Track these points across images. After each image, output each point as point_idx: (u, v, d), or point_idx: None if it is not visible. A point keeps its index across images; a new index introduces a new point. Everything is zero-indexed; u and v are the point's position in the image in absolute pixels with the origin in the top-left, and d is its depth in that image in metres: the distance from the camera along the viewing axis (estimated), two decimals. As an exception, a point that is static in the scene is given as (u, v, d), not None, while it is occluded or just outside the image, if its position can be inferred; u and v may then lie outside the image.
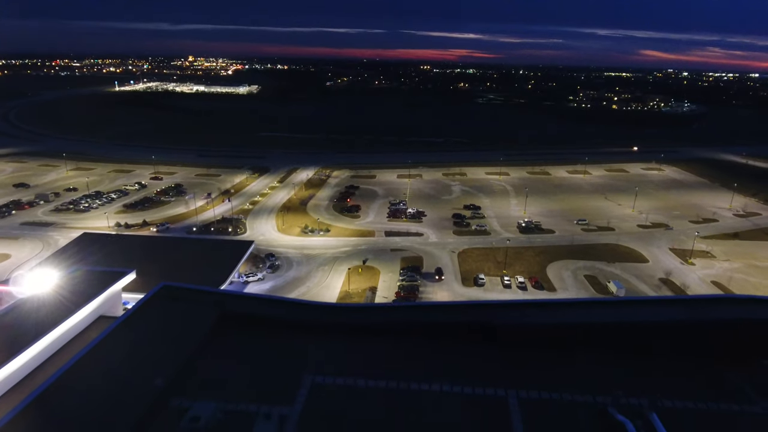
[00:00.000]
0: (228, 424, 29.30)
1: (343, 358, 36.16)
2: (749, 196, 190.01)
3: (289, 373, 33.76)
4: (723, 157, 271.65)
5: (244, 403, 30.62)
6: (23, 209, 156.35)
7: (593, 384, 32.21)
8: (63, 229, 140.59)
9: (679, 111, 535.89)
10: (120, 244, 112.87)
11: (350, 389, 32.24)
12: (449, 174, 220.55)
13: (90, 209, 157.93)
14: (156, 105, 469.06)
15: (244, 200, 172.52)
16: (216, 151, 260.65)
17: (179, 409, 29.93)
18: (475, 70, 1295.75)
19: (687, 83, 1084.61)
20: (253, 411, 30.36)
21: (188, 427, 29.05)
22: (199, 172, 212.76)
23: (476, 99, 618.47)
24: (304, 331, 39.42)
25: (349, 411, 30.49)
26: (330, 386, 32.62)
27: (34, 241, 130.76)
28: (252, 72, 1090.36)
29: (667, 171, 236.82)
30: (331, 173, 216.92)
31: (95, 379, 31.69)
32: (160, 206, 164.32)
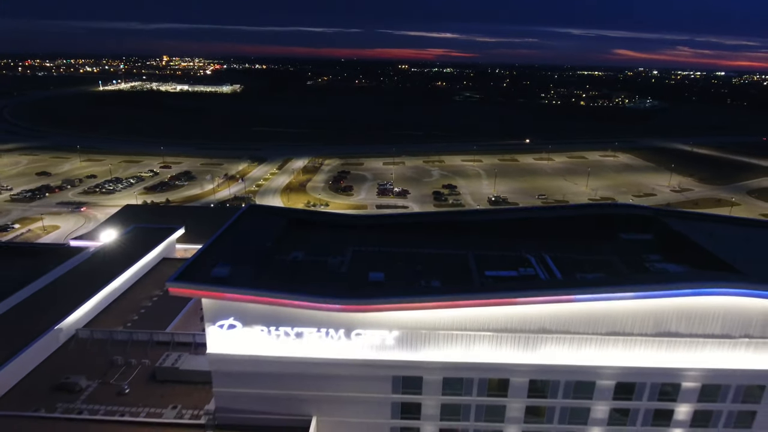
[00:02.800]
0: (313, 261, 54.19)
1: (365, 239, 61.21)
2: (687, 176, 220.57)
3: (337, 245, 58.75)
4: (673, 145, 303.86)
5: (318, 255, 55.48)
6: (54, 192, 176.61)
7: (519, 248, 57.82)
8: (96, 207, 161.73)
9: (641, 107, 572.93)
10: (158, 212, 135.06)
11: (372, 252, 57.48)
12: (429, 161, 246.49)
13: (114, 192, 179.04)
14: (145, 103, 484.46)
15: (250, 183, 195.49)
16: (213, 144, 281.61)
17: (284, 257, 54.72)
18: (452, 70, 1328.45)
19: (655, 81, 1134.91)
20: (323, 258, 55.19)
21: (292, 262, 53.94)
22: (203, 162, 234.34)
23: (454, 97, 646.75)
24: (340, 228, 64.66)
25: (373, 259, 55.69)
26: (362, 251, 57.86)
27: (75, 216, 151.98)
28: (231, 72, 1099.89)
29: (621, 157, 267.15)
30: (323, 161, 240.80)
31: (240, 240, 56.19)
32: (177, 189, 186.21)
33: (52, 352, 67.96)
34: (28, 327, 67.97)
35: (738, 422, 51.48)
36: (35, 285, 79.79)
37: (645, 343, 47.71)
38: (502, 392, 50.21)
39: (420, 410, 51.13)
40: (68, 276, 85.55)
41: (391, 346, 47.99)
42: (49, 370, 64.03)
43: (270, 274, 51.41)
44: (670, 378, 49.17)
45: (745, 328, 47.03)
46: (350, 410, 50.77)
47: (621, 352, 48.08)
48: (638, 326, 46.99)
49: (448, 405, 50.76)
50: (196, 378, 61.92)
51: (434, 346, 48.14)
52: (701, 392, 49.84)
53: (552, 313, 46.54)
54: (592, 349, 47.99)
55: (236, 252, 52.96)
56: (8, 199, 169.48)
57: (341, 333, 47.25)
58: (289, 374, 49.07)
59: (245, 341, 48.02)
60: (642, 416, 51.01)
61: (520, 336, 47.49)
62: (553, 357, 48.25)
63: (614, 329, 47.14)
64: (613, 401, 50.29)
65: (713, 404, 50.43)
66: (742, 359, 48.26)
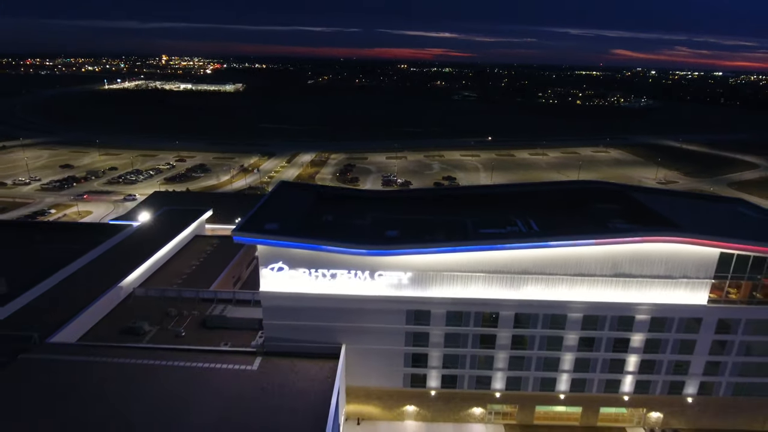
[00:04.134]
0: (341, 223, 67.05)
1: (381, 209, 74.17)
2: (673, 170, 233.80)
3: (359, 213, 71.62)
4: (663, 142, 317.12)
5: (345, 219, 68.36)
6: (80, 182, 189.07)
7: (509, 212, 70.78)
8: (121, 195, 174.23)
9: (636, 106, 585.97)
10: (183, 198, 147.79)
11: (388, 218, 70.32)
12: (429, 156, 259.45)
13: (137, 182, 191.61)
14: (151, 102, 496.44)
15: (262, 175, 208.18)
16: (223, 140, 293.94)
17: (317, 219, 67.56)
18: (450, 69, 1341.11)
19: (652, 81, 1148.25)
20: (349, 221, 68.05)
21: (325, 223, 66.85)
22: (216, 156, 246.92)
23: (452, 96, 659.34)
24: (360, 200, 77.69)
25: (389, 222, 68.59)
26: (380, 217, 70.72)
27: (105, 203, 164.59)
28: (231, 71, 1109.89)
29: (613, 153, 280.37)
30: (330, 156, 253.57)
31: (279, 207, 69.06)
32: (194, 180, 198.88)
33: (115, 306, 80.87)
34: (94, 285, 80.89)
35: (682, 349, 64.53)
36: (93, 253, 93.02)
37: (605, 283, 60.72)
38: (493, 324, 63.19)
39: (428, 339, 64.12)
40: (118, 247, 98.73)
41: (406, 285, 60.96)
42: (116, 319, 76.88)
43: (308, 230, 64.29)
44: (626, 312, 62.18)
45: (684, 270, 60.04)
46: (373, 339, 63.70)
47: (586, 290, 61.09)
48: (599, 269, 59.98)
49: (451, 334, 63.73)
50: (240, 324, 74.94)
51: (439, 285, 61.11)
52: (651, 324, 62.86)
53: (531, 258, 59.52)
54: (564, 287, 60.99)
55: (279, 214, 65.79)
56: (39, 188, 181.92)
57: (366, 274, 60.18)
58: (324, 308, 62.01)
59: (290, 281, 60.96)
60: (605, 344, 64.02)
61: (506, 277, 60.47)
62: (532, 294, 61.29)
63: (581, 271, 60.13)
64: (581, 331, 63.33)
65: (661, 334, 63.46)
66: (682, 296, 61.29)
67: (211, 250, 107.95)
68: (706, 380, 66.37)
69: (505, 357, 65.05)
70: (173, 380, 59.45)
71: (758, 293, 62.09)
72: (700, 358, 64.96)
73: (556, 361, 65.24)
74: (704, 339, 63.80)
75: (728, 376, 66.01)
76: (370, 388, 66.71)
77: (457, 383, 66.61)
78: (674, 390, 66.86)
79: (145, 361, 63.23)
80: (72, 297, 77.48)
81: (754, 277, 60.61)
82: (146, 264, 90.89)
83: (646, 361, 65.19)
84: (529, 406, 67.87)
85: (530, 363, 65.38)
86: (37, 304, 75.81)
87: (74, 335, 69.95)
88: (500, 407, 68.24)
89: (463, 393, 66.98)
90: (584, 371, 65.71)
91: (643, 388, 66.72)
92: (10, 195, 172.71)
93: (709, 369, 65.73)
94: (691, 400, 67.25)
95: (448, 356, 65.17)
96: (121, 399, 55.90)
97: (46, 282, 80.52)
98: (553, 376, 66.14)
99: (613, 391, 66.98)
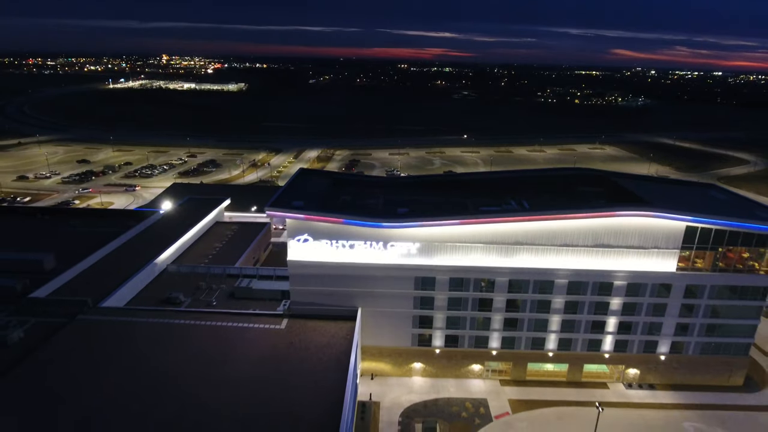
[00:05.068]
0: (357, 203, 76.30)
1: (391, 192, 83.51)
2: (665, 165, 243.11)
3: (372, 195, 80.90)
4: (657, 140, 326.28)
5: (360, 199, 77.63)
6: (98, 176, 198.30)
7: (504, 194, 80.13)
8: (139, 188, 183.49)
9: (633, 105, 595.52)
10: (200, 189, 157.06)
11: (397, 199, 79.56)
12: (431, 152, 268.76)
13: (152, 176, 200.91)
14: (157, 100, 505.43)
15: (271, 170, 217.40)
16: (230, 137, 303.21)
17: (335, 200, 76.85)
18: (451, 69, 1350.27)
19: (651, 81, 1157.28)
20: (364, 201, 77.29)
21: (342, 202, 76.05)
22: (225, 152, 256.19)
23: (453, 95, 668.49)
24: (372, 185, 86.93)
25: (399, 202, 77.92)
26: (391, 198, 79.99)
27: (125, 194, 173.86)
28: (232, 71, 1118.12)
29: (608, 150, 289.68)
30: (335, 152, 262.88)
31: (302, 189, 78.36)
32: (207, 174, 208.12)
33: (152, 280, 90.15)
34: (131, 262, 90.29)
35: (655, 312, 73.85)
36: (127, 235, 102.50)
37: (587, 252, 70.02)
38: (490, 289, 72.54)
39: (433, 302, 73.43)
40: (149, 230, 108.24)
41: (414, 254, 70.28)
42: (153, 291, 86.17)
43: (329, 207, 73.58)
44: (605, 278, 71.48)
45: (655, 241, 69.35)
46: (385, 302, 73.00)
47: (571, 259, 70.39)
48: (582, 239, 69.28)
49: (453, 298, 73.07)
50: (265, 295, 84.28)
51: (443, 254, 70.44)
52: (627, 289, 72.19)
53: (523, 230, 68.84)
54: (551, 256, 70.30)
55: (302, 195, 75.06)
56: (60, 181, 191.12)
57: (380, 245, 69.50)
58: (343, 275, 71.32)
59: (314, 251, 70.28)
60: (587, 307, 73.34)
61: (501, 247, 69.79)
62: (524, 262, 70.61)
63: (566, 242, 69.45)
64: (566, 296, 72.65)
65: (636, 298, 72.79)
66: (654, 264, 70.60)
67: (231, 234, 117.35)
68: (677, 340, 75.65)
69: (500, 319, 74.37)
70: (212, 337, 68.69)
71: (721, 262, 71.40)
72: (671, 320, 74.25)
73: (544, 323, 74.55)
74: (674, 303, 73.08)
75: (696, 337, 75.29)
76: (383, 347, 76.02)
77: (458, 342, 75.93)
78: (649, 349, 76.15)
79: (185, 321, 72.54)
80: (114, 271, 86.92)
81: (716, 248, 69.89)
82: (176, 244, 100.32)
83: (624, 323, 74.50)
84: (521, 363, 77.15)
85: (522, 324, 74.70)
86: (85, 276, 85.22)
87: (121, 302, 79.29)
88: (496, 365, 77.51)
89: (464, 351, 76.29)
90: (570, 332, 75.01)
91: (622, 347, 76.03)
92: (34, 188, 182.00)
93: (679, 330, 75.01)
94: (664, 358, 76.52)
95: (451, 318, 74.48)
96: (166, 353, 64.87)
97: (90, 258, 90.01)
98: (542, 336, 75.45)
99: (595, 349, 76.26)
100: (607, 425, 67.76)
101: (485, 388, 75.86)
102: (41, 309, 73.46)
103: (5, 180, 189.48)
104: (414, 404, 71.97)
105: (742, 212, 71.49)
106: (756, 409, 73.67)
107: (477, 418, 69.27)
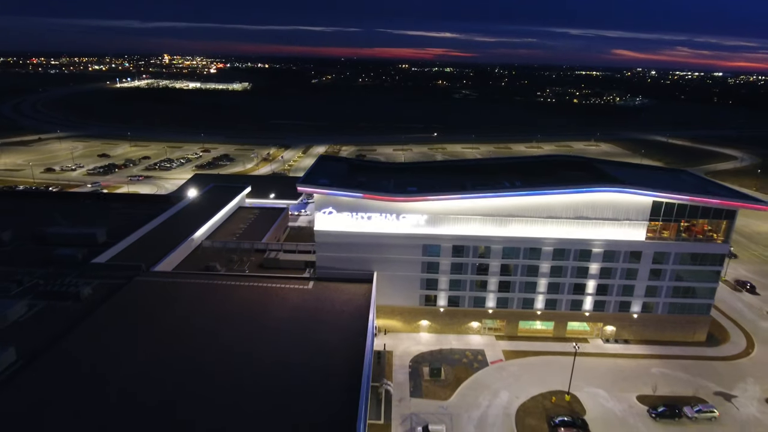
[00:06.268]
0: (372, 182, 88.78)
1: (402, 175, 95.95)
2: (656, 161, 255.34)
3: (384, 177, 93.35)
4: (650, 137, 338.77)
5: (375, 180, 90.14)
6: (121, 169, 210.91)
7: (498, 176, 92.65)
8: (160, 179, 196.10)
9: (630, 104, 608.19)
10: (220, 179, 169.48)
11: (407, 180, 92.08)
12: (433, 148, 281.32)
13: (171, 169, 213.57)
14: (165, 99, 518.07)
15: (282, 164, 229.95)
16: (240, 134, 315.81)
17: (353, 180, 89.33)
18: (452, 69, 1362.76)
19: (650, 81, 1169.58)
20: (378, 182, 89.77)
21: (359, 182, 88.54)
22: (237, 148, 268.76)
23: (453, 95, 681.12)
24: (384, 170, 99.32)
25: (408, 183, 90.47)
26: (401, 180, 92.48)
27: (148, 184, 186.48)
28: (234, 70, 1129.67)
29: (603, 146, 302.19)
30: (341, 148, 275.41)
31: (325, 172, 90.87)
32: (221, 167, 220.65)
33: (189, 253, 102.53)
34: (171, 237, 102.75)
35: (628, 276, 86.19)
36: (163, 216, 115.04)
37: (569, 224, 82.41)
38: (486, 255, 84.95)
39: (438, 267, 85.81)
40: (181, 212, 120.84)
41: (422, 225, 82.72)
42: (192, 262, 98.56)
43: (349, 185, 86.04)
44: (585, 246, 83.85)
45: (626, 214, 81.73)
46: (397, 267, 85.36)
47: (555, 229, 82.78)
48: (564, 212, 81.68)
49: (455, 263, 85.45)
50: (291, 266, 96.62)
51: (447, 225, 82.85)
52: (604, 256, 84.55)
53: (514, 204, 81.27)
54: (539, 227, 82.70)
55: (325, 176, 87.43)
56: (85, 173, 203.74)
57: (394, 216, 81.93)
58: (361, 243, 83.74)
59: (337, 222, 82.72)
60: (570, 271, 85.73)
61: (496, 219, 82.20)
62: (516, 232, 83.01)
63: (551, 214, 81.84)
64: (552, 261, 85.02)
65: (611, 263, 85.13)
66: (626, 234, 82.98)
67: (253, 217, 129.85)
68: (647, 301, 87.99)
69: (495, 281, 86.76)
70: (250, 295, 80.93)
71: (684, 233, 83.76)
72: (642, 283, 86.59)
73: (533, 285, 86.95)
74: (644, 268, 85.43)
75: (663, 298, 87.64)
76: (394, 306, 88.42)
77: (459, 302, 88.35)
78: (623, 308, 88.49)
79: (226, 282, 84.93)
80: (157, 244, 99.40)
81: (679, 220, 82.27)
82: (208, 223, 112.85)
83: (601, 285, 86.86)
84: (514, 321, 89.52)
85: (514, 286, 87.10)
86: (133, 248, 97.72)
87: (168, 268, 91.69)
88: (492, 322, 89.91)
89: (465, 310, 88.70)
90: (555, 293, 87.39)
91: (600, 306, 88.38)
92: (63, 179, 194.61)
93: (649, 292, 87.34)
94: (636, 316, 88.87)
95: (453, 281, 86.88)
96: (211, 307, 76.63)
97: (136, 233, 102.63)
98: (531, 297, 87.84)
99: (577, 309, 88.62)
100: (585, 369, 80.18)
101: (482, 341, 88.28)
102: (103, 272, 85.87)
103: (34, 172, 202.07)
104: (421, 353, 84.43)
105: (699, 189, 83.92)
106: (715, 359, 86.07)
107: (475, 363, 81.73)
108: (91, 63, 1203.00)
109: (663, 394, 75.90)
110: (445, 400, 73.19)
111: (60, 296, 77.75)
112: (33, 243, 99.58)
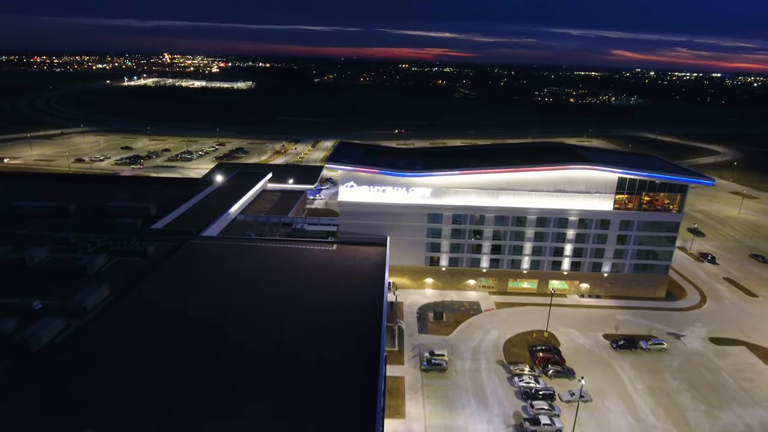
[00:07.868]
0: (386, 162, 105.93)
1: (410, 158, 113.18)
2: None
3: (396, 160, 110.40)
4: (641, 134, 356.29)
5: (388, 161, 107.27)
6: (145, 159, 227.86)
7: (490, 158, 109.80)
8: (183, 169, 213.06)
9: (626, 104, 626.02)
10: (241, 167, 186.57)
11: (414, 162, 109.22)
12: (434, 143, 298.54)
13: (191, 160, 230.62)
14: (174, 97, 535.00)
15: (294, 156, 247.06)
16: (251, 129, 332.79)
17: (369, 160, 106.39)
18: (451, 69, 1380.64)
19: (648, 82, 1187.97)
20: (391, 162, 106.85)
21: (375, 162, 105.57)
22: (250, 142, 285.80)
23: (453, 94, 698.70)
24: (394, 153, 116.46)
25: (416, 163, 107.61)
26: (410, 161, 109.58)
27: (174, 173, 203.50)
28: (236, 69, 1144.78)
29: (594, 143, 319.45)
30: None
31: (345, 154, 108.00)
32: (237, 159, 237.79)
33: (227, 225, 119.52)
34: (210, 211, 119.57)
35: (599, 240, 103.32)
36: (200, 196, 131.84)
37: (549, 196, 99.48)
38: (481, 223, 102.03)
39: (441, 233, 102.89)
40: (215, 192, 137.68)
41: (428, 197, 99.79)
42: (231, 232, 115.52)
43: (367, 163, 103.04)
44: (563, 215, 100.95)
45: (597, 188, 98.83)
46: (406, 232, 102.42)
47: (538, 201, 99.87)
48: (545, 186, 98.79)
49: (455, 230, 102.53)
50: (314, 236, 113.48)
51: (448, 197, 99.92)
52: (579, 223, 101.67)
53: (504, 179, 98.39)
54: (524, 198, 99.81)
55: (346, 157, 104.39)
56: (113, 163, 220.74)
57: (404, 189, 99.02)
58: (377, 212, 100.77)
59: (357, 194, 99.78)
60: (550, 236, 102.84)
61: (489, 191, 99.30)
62: (505, 203, 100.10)
63: (534, 188, 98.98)
64: (535, 228, 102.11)
65: (586, 230, 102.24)
66: (597, 204, 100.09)
67: (276, 199, 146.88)
68: (616, 262, 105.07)
69: (489, 245, 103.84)
70: (284, 255, 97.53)
71: (647, 205, 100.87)
72: (611, 246, 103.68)
73: (520, 248, 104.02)
74: (612, 234, 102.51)
75: (629, 259, 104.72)
76: (404, 267, 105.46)
77: (458, 263, 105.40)
78: (596, 269, 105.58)
79: (264, 245, 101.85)
80: (200, 217, 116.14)
81: (641, 193, 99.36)
82: (240, 201, 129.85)
83: (577, 249, 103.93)
84: (504, 279, 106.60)
85: (504, 249, 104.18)
86: (180, 219, 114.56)
87: (213, 234, 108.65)
88: (486, 281, 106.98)
89: (463, 270, 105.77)
90: (538, 255, 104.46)
91: (576, 267, 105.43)
92: (94, 168, 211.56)
93: (617, 254, 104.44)
94: (606, 275, 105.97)
95: (453, 245, 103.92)
96: (253, 265, 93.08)
97: (180, 208, 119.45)
98: (519, 259, 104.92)
99: (557, 269, 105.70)
100: (562, 316, 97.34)
101: (478, 296, 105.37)
102: (160, 237, 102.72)
103: (66, 162, 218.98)
104: (427, 303, 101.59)
105: (659, 169, 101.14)
106: (671, 310, 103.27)
107: (471, 311, 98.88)
108: (93, 62, 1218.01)
109: (624, 333, 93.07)
110: (447, 336, 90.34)
111: (129, 254, 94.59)
112: (94, 215, 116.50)
